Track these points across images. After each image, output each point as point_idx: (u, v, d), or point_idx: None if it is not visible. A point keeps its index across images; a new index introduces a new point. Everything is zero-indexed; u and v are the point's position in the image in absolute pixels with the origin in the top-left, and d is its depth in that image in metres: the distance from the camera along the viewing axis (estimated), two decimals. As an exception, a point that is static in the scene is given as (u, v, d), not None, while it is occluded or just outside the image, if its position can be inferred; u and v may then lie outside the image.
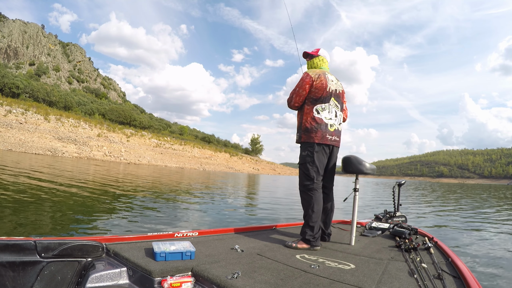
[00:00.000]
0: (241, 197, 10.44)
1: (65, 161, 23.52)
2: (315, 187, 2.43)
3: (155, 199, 7.48)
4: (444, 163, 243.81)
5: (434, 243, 2.43)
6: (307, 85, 2.46)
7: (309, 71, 2.54)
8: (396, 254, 2.17)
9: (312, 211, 2.38)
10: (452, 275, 1.70)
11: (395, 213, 3.49)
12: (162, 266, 1.61)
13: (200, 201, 8.05)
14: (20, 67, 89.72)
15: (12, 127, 36.88)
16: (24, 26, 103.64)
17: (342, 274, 1.69)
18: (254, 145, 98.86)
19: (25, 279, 1.45)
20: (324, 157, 2.48)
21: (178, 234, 2.27)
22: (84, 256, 1.68)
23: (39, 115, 45.55)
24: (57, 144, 35.74)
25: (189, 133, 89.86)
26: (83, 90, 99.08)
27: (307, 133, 2.46)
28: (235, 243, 2.23)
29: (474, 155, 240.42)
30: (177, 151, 57.64)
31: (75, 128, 47.16)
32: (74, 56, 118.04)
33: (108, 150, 40.28)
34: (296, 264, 1.84)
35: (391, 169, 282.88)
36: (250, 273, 1.61)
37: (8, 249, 1.43)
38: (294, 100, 2.53)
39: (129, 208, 5.84)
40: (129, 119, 67.22)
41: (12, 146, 29.22)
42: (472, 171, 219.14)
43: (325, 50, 2.71)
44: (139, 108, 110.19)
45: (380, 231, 2.94)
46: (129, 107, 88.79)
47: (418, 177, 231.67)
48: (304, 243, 2.31)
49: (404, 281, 1.61)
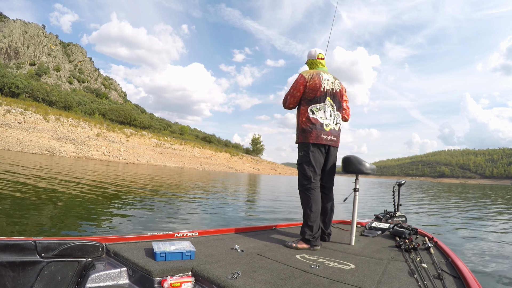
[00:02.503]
0: (241, 197, 10.45)
1: (63, 160, 23.54)
2: (313, 187, 2.43)
3: (155, 199, 7.48)
4: (445, 163, 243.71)
5: (434, 243, 2.42)
6: (301, 86, 2.49)
7: (303, 72, 2.57)
8: (396, 254, 2.17)
9: (310, 211, 2.38)
10: (452, 275, 1.70)
11: (395, 213, 3.49)
12: (162, 266, 1.61)
13: (200, 201, 8.05)
14: (20, 67, 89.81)
15: (11, 126, 36.92)
16: (25, 26, 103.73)
17: (342, 274, 1.69)
18: (255, 145, 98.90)
19: (25, 279, 1.45)
20: (320, 157, 2.48)
21: (178, 234, 2.27)
22: (84, 256, 1.68)
23: (38, 115, 45.58)
24: (55, 144, 35.76)
25: (189, 133, 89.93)
26: (83, 90, 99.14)
27: (303, 133, 2.48)
28: (235, 243, 2.22)
29: (475, 155, 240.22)
30: (177, 151, 57.67)
31: (74, 128, 47.19)
32: (75, 56, 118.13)
33: (107, 150, 40.30)
34: (296, 264, 1.84)
35: (393, 169, 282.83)
36: (250, 273, 1.61)
37: (8, 249, 1.43)
38: (288, 101, 2.58)
39: (129, 208, 5.84)
40: (129, 119, 67.28)
41: (9, 146, 29.24)
42: (473, 171, 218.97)
43: (314, 49, 2.73)
44: (140, 108, 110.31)
45: (380, 231, 2.94)
46: (130, 107, 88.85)
47: (419, 177, 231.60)
48: (304, 243, 2.31)
49: (404, 281, 1.61)
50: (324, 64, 2.72)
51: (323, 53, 2.73)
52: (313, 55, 2.72)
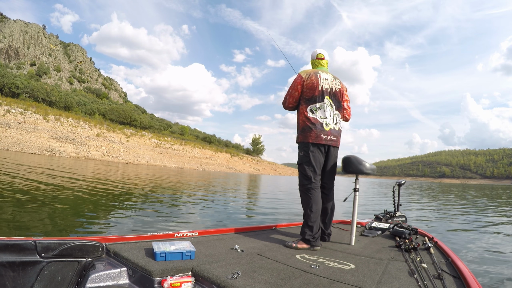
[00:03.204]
0: (241, 197, 10.45)
1: (62, 160, 23.54)
2: (313, 187, 2.43)
3: (155, 199, 7.48)
4: (446, 164, 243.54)
5: (434, 243, 2.42)
6: (298, 86, 2.50)
7: (301, 72, 2.57)
8: (396, 254, 2.17)
9: (310, 211, 2.38)
10: (452, 275, 1.70)
11: (395, 213, 3.49)
12: (162, 266, 1.61)
13: (200, 201, 8.05)
14: (21, 67, 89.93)
15: (10, 126, 36.94)
16: (25, 27, 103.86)
17: (342, 274, 1.69)
18: (255, 145, 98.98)
19: (25, 279, 1.45)
20: (320, 157, 2.47)
21: (178, 234, 2.27)
22: (84, 256, 1.69)
23: (38, 115, 45.62)
24: (55, 144, 35.78)
25: (190, 133, 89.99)
26: (84, 90, 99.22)
27: (303, 133, 2.48)
28: (235, 243, 2.22)
29: (476, 155, 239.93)
30: (177, 151, 57.71)
31: (74, 128, 47.21)
32: (75, 57, 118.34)
33: (106, 150, 40.32)
34: (296, 264, 1.84)
35: (393, 169, 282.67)
36: (250, 273, 1.61)
37: (8, 249, 1.43)
38: (287, 101, 2.59)
39: (129, 208, 5.85)
40: (130, 119, 67.33)
41: (8, 146, 29.25)
42: (474, 172, 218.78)
43: (321, 50, 2.74)
44: (140, 108, 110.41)
45: (380, 231, 2.93)
46: (130, 107, 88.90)
47: (420, 178, 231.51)
48: (304, 243, 2.31)
49: (404, 281, 1.61)
50: (324, 64, 2.72)
51: (323, 53, 2.74)
52: (313, 55, 2.76)
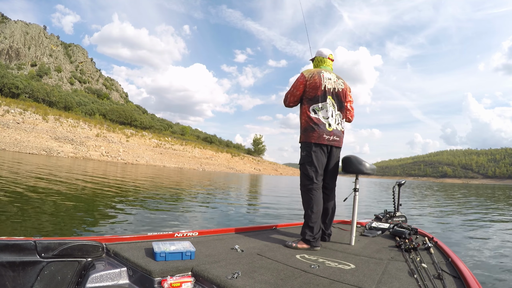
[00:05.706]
0: (241, 197, 10.45)
1: (60, 161, 23.54)
2: (315, 187, 2.42)
3: (155, 199, 7.49)
4: (447, 163, 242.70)
5: (434, 243, 2.42)
6: (301, 85, 2.48)
7: (304, 71, 2.55)
8: (396, 254, 2.17)
9: (311, 212, 2.37)
10: (452, 275, 1.70)
11: (395, 213, 3.48)
12: (162, 266, 1.61)
13: (200, 201, 8.06)
14: (22, 68, 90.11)
15: (9, 126, 37.01)
16: (26, 27, 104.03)
17: (342, 274, 1.69)
18: (256, 146, 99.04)
19: (25, 279, 1.45)
20: (323, 157, 2.46)
21: (178, 234, 2.27)
22: (84, 256, 1.69)
23: (37, 115, 45.67)
24: (53, 144, 35.79)
25: (191, 134, 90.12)
26: (85, 90, 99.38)
27: (306, 133, 2.46)
28: (235, 243, 2.22)
29: (477, 155, 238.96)
30: (177, 151, 57.75)
31: (73, 128, 47.25)
32: (76, 57, 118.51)
33: (105, 150, 40.35)
34: (296, 264, 1.84)
35: (395, 169, 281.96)
36: (250, 273, 1.61)
37: (8, 249, 1.44)
38: (288, 100, 2.57)
39: (129, 208, 5.85)
40: (130, 119, 67.41)
41: (6, 146, 29.27)
42: (476, 171, 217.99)
43: (325, 49, 2.69)
44: (141, 108, 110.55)
45: (380, 231, 2.93)
46: (131, 108, 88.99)
47: (421, 178, 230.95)
48: (304, 243, 2.30)
49: (404, 281, 1.61)
50: (330, 64, 2.68)
51: (333, 55, 2.70)
52: (324, 54, 2.67)
